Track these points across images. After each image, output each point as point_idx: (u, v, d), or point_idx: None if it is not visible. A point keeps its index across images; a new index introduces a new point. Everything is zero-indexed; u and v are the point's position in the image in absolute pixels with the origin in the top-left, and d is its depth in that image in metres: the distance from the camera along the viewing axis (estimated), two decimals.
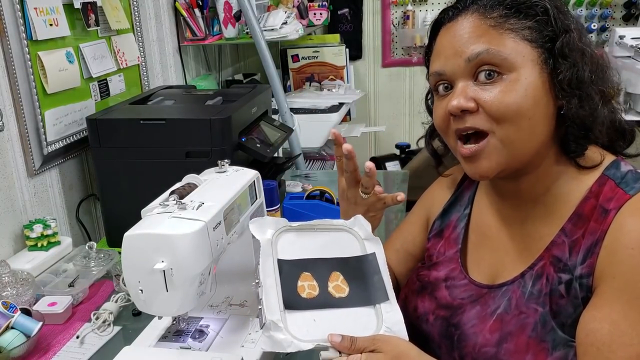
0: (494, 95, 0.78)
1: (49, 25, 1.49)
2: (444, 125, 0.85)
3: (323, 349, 0.76)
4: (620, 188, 0.79)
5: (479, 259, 0.93)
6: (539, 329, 0.80)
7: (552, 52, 0.79)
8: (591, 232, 0.79)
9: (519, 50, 0.78)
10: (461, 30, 0.81)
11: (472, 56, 0.78)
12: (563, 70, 0.78)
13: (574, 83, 0.78)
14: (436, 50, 0.85)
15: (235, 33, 2.36)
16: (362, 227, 0.93)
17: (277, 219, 0.90)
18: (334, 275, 0.86)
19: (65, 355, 1.12)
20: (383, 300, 0.84)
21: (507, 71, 0.78)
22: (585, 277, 0.78)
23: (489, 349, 0.83)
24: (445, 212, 1.01)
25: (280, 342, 0.76)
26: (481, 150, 0.80)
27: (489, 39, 0.78)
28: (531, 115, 0.78)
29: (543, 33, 0.79)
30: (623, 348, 0.73)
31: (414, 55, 3.79)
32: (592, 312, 0.76)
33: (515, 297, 0.83)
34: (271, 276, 0.83)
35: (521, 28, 0.79)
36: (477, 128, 0.79)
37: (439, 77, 0.83)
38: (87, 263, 1.40)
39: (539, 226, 0.86)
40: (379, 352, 0.75)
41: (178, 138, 1.44)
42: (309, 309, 0.81)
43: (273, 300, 0.81)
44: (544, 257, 0.83)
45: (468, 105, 0.79)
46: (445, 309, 0.91)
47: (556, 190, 0.84)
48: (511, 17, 0.79)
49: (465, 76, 0.80)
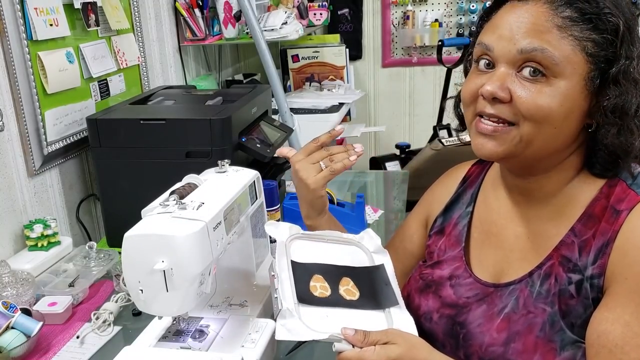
0: (530, 94, 0.76)
1: (49, 25, 1.49)
2: (469, 100, 0.83)
3: (336, 340, 0.77)
4: (632, 189, 0.79)
5: (483, 257, 0.93)
6: (547, 329, 0.79)
7: (603, 73, 0.77)
8: (602, 232, 0.79)
9: (573, 60, 0.76)
10: (527, 16, 0.77)
11: (526, 49, 0.76)
12: (611, 96, 0.76)
13: (618, 112, 0.77)
14: (494, 22, 0.82)
15: (235, 33, 2.36)
16: (371, 240, 0.96)
17: (292, 225, 0.93)
18: (345, 281, 0.89)
19: (65, 355, 1.12)
20: (393, 305, 0.86)
21: (552, 76, 0.76)
22: (596, 277, 0.78)
23: (496, 348, 0.83)
24: (447, 209, 1.01)
25: (295, 330, 0.77)
26: (499, 133, 0.79)
27: (549, 39, 0.76)
28: (558, 125, 0.77)
29: (603, 51, 0.76)
30: (636, 350, 0.72)
31: (414, 55, 3.78)
32: (604, 313, 0.76)
33: (523, 297, 0.83)
34: (285, 271, 0.85)
35: (585, 38, 0.76)
36: (503, 118, 0.79)
37: (486, 51, 0.81)
38: (87, 263, 1.41)
39: (547, 226, 0.85)
40: (392, 344, 0.76)
41: (178, 138, 1.44)
42: (321, 306, 0.83)
43: (288, 292, 0.83)
44: (553, 256, 0.83)
45: (501, 95, 0.78)
46: (450, 307, 0.91)
47: (567, 191, 0.84)
48: (580, 23, 0.76)
49: (510, 64, 0.78)
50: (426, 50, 3.77)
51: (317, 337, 0.77)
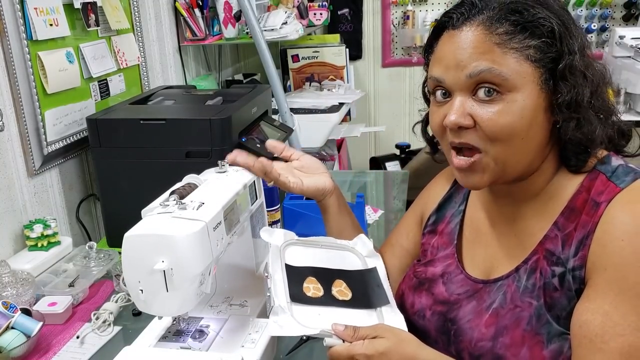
0: (490, 114, 0.78)
1: (49, 25, 1.49)
2: (440, 132, 0.86)
3: (327, 335, 0.80)
4: (611, 181, 0.80)
5: (474, 254, 0.95)
6: (534, 322, 0.81)
7: (553, 73, 0.78)
8: (583, 225, 0.80)
9: (521, 71, 0.77)
10: (465, 42, 0.79)
11: (474, 73, 0.78)
12: (563, 93, 0.78)
13: (573, 106, 0.78)
14: (437, 55, 0.84)
15: (235, 33, 2.36)
16: (364, 245, 1.01)
17: (286, 232, 0.97)
18: (337, 282, 0.92)
19: (65, 355, 1.12)
20: (384, 304, 0.90)
21: (506, 91, 0.77)
22: (577, 269, 0.79)
23: (485, 343, 0.84)
24: (440, 208, 1.03)
25: (287, 326, 0.80)
26: (473, 164, 0.82)
27: (493, 57, 0.77)
28: (524, 135, 0.79)
29: (547, 54, 0.78)
30: (615, 339, 0.73)
31: (414, 55, 3.79)
32: (585, 303, 0.77)
33: (510, 292, 0.85)
34: (279, 272, 0.88)
35: (525, 47, 0.77)
36: (471, 145, 0.81)
37: (438, 83, 0.83)
38: (87, 263, 1.41)
39: (532, 222, 0.87)
40: (380, 338, 0.79)
41: (178, 138, 1.44)
42: (314, 305, 0.86)
43: (280, 291, 0.85)
44: (538, 251, 0.84)
45: (465, 123, 0.79)
46: (442, 304, 0.92)
47: (549, 188, 0.86)
48: (517, 35, 0.77)
49: (464, 90, 0.80)
50: None
51: (308, 333, 0.80)
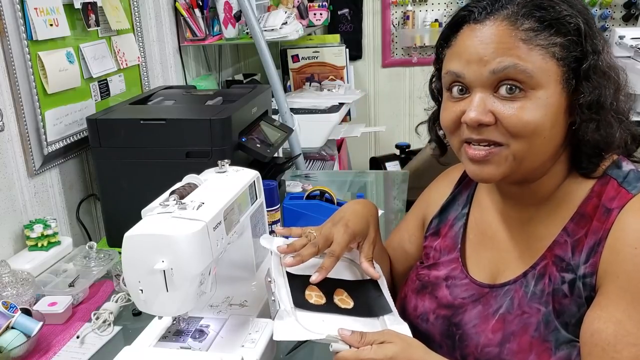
0: (513, 111, 0.76)
1: (49, 26, 1.49)
2: (452, 128, 0.83)
3: (333, 340, 0.79)
4: (623, 187, 0.79)
5: (479, 258, 0.93)
6: (542, 328, 0.79)
7: (576, 72, 0.77)
8: (594, 231, 0.79)
9: (546, 68, 0.76)
10: (489, 37, 0.77)
11: (498, 69, 0.76)
12: (586, 93, 0.76)
13: (594, 107, 0.77)
14: (457, 49, 0.81)
15: (235, 33, 2.36)
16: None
17: (286, 240, 0.96)
18: (339, 291, 0.91)
19: (65, 355, 1.12)
20: (387, 313, 0.89)
21: (530, 88, 0.76)
22: (588, 276, 0.78)
23: (491, 349, 0.83)
24: (443, 210, 1.01)
25: (293, 330, 0.79)
26: (491, 156, 0.79)
27: (518, 53, 0.75)
28: (547, 134, 0.77)
29: (571, 52, 0.77)
30: (628, 348, 0.72)
31: (414, 55, 3.79)
32: (597, 311, 0.76)
33: (518, 297, 0.83)
34: (281, 277, 0.88)
35: (551, 44, 0.76)
36: (492, 140, 0.78)
37: (457, 78, 0.80)
38: (87, 263, 1.40)
39: (540, 226, 0.86)
40: (388, 343, 0.77)
41: (178, 138, 1.44)
42: (317, 312, 0.85)
43: (284, 295, 0.85)
44: (547, 256, 0.83)
45: (487, 120, 0.77)
46: (446, 308, 0.91)
47: (559, 192, 0.85)
48: (543, 31, 0.76)
49: (485, 86, 0.78)
50: (426, 50, 3.77)
51: (314, 337, 0.78)
